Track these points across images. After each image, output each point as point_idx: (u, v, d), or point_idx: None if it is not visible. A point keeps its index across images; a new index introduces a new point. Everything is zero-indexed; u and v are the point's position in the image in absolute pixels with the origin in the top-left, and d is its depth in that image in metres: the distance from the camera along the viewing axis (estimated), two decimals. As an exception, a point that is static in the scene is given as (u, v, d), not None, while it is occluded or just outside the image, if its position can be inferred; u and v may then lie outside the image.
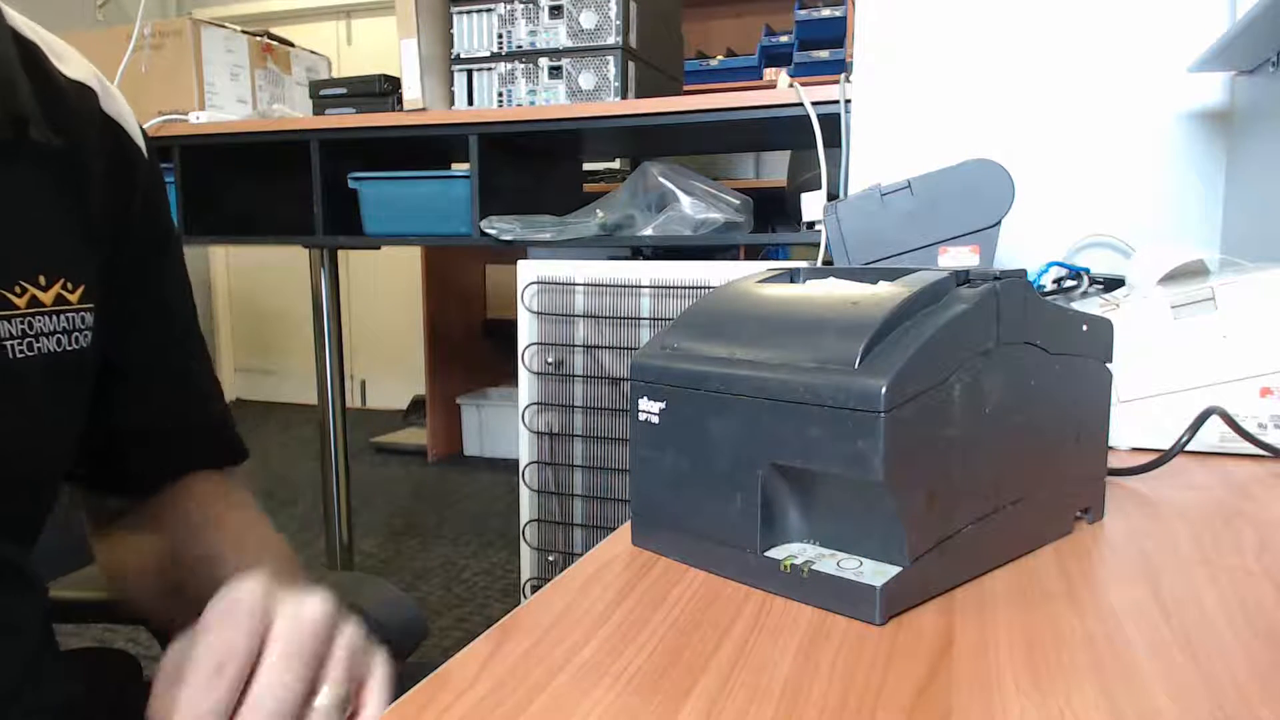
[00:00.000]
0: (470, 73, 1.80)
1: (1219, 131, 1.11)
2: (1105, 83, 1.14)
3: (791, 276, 0.50)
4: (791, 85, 1.48)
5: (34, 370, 0.45)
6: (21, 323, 0.44)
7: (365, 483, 3.29)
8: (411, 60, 1.79)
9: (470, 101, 1.80)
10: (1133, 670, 0.32)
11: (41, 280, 0.45)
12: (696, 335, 0.46)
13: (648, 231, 1.65)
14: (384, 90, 1.93)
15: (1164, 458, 0.60)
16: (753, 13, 3.32)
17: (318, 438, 2.07)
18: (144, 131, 0.54)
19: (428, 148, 1.96)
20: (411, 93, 1.80)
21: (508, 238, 1.68)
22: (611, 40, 1.68)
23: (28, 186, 0.45)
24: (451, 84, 1.82)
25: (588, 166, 2.53)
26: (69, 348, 0.47)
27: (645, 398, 0.46)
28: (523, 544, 1.65)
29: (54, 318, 0.46)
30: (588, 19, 1.70)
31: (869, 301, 0.41)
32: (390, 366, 4.84)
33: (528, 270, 1.66)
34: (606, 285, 1.62)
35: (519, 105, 1.76)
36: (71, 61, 0.49)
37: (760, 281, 0.50)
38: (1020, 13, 1.17)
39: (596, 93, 1.70)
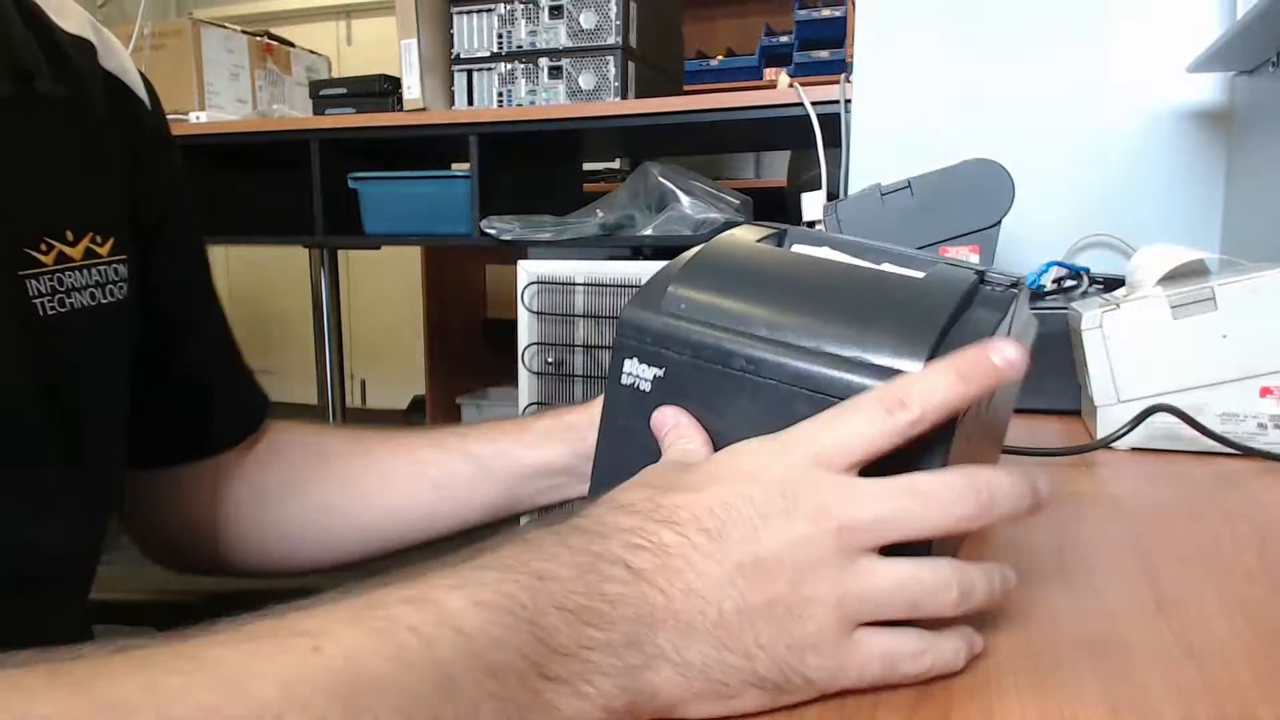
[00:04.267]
0: (470, 73, 1.80)
1: (1219, 131, 1.11)
2: (1105, 83, 1.14)
3: (779, 239, 0.45)
4: (791, 85, 1.48)
5: (69, 327, 0.44)
6: (51, 279, 0.43)
7: (365, 483, 3.28)
8: (411, 60, 1.79)
9: (470, 101, 1.80)
10: (1133, 670, 0.32)
11: (69, 235, 0.44)
12: (711, 293, 0.38)
13: (648, 231, 1.65)
14: (384, 90, 1.93)
15: (1092, 446, 0.65)
16: (753, 13, 3.32)
17: (318, 438, 2.07)
18: (147, 82, 0.52)
19: (428, 148, 1.96)
20: (411, 93, 1.80)
21: (508, 238, 1.68)
22: (611, 40, 1.68)
23: (41, 140, 0.43)
24: (451, 84, 1.82)
25: (588, 166, 2.53)
26: (104, 300, 0.45)
27: (636, 359, 0.39)
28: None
29: (85, 272, 0.44)
30: (588, 19, 1.70)
31: (917, 290, 0.38)
32: (390, 366, 4.83)
33: (527, 270, 1.66)
34: (606, 285, 1.62)
35: (519, 105, 1.76)
36: (68, 15, 0.47)
37: (759, 240, 0.44)
38: (1020, 13, 1.17)
39: (596, 93, 1.70)
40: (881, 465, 0.32)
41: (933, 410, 0.31)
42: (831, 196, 1.35)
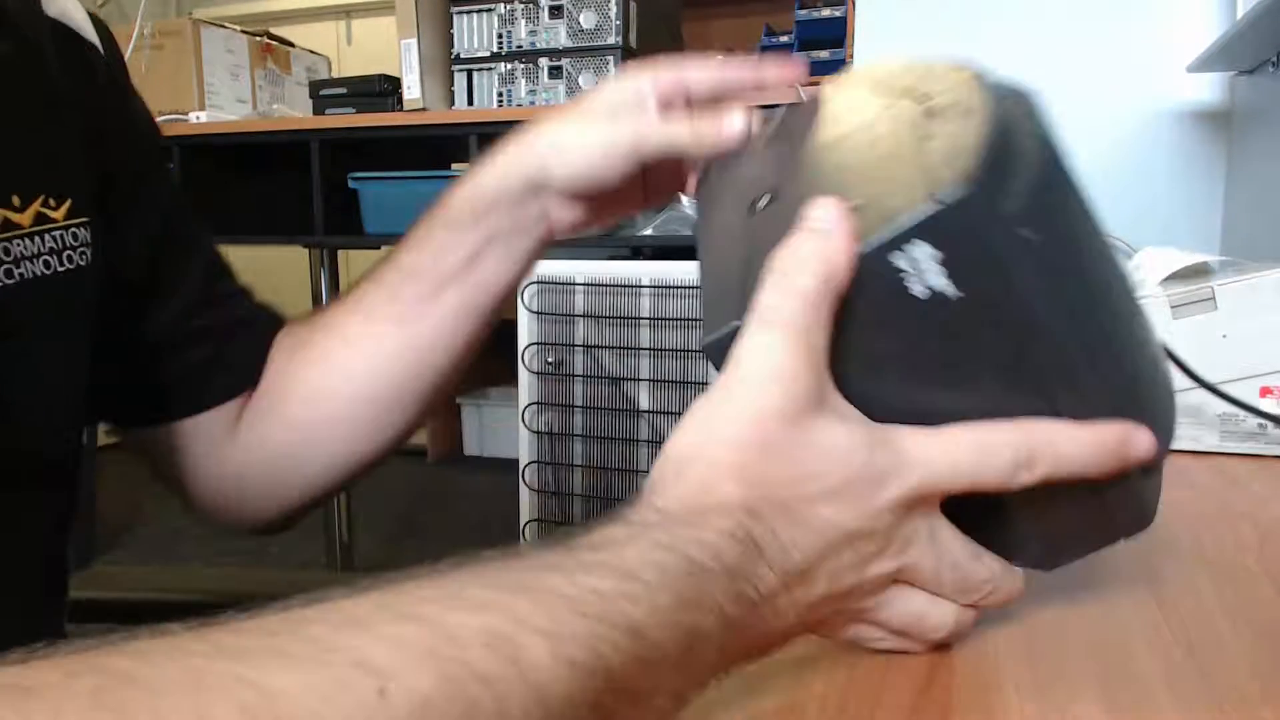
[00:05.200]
0: (470, 73, 1.80)
1: (1219, 131, 1.11)
2: (1105, 83, 1.14)
3: None
4: (792, 85, 1.48)
5: (20, 298, 0.41)
6: None
7: (365, 483, 3.28)
8: (411, 60, 1.79)
9: (470, 101, 1.80)
10: (1133, 670, 0.32)
11: (15, 200, 0.40)
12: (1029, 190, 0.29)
13: (648, 231, 1.65)
14: (384, 90, 1.93)
15: None
16: (753, 13, 3.31)
17: (318, 438, 2.07)
18: (98, 23, 0.49)
19: (428, 148, 1.96)
20: (411, 93, 1.81)
21: (508, 238, 1.68)
22: (611, 40, 1.68)
23: None
24: (451, 84, 1.82)
25: (588, 166, 2.52)
26: (59, 269, 0.42)
27: (941, 263, 0.28)
28: (523, 544, 1.65)
29: (36, 239, 0.41)
30: (588, 19, 1.70)
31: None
32: (390, 366, 4.83)
33: (528, 270, 1.66)
34: (606, 285, 1.62)
35: (519, 105, 1.76)
36: None
37: None
38: (1020, 13, 1.17)
39: (596, 93, 1.70)
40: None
41: (1055, 476, 0.31)
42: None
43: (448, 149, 2.01)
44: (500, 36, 1.76)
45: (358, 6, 4.53)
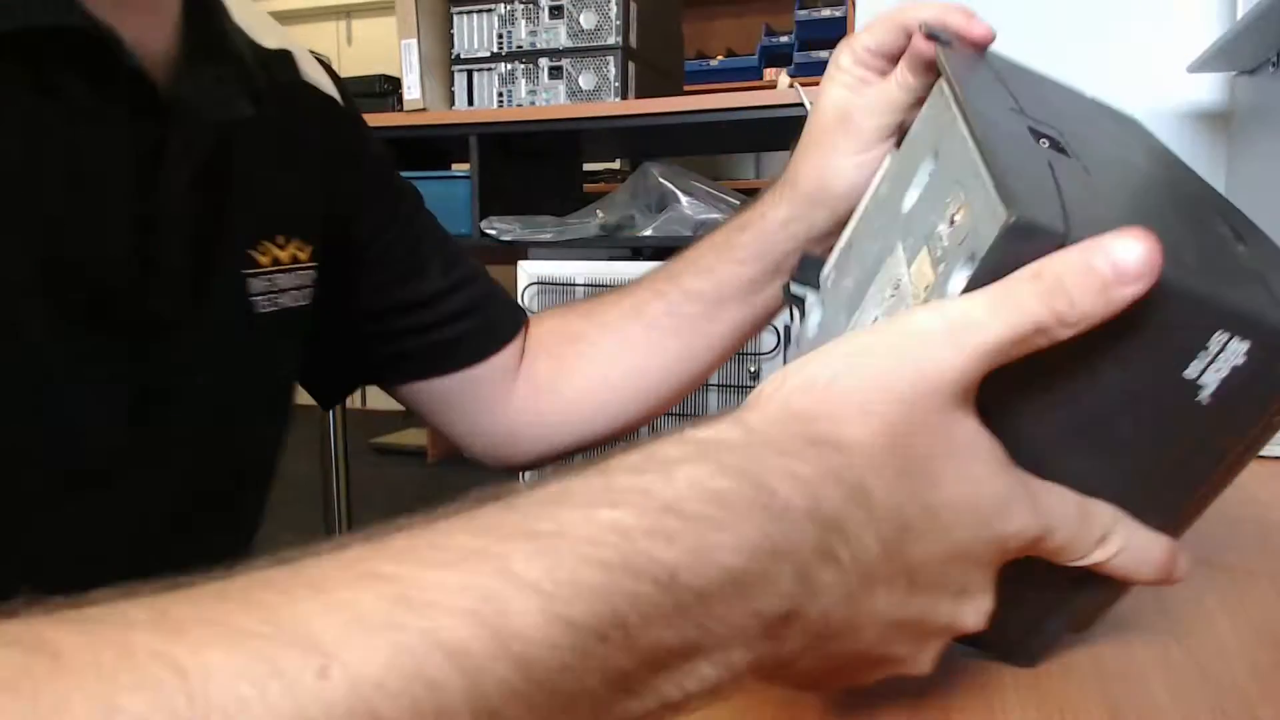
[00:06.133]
0: (470, 73, 1.80)
1: (1219, 131, 1.11)
2: (1105, 83, 1.14)
3: None
4: (792, 85, 1.48)
5: (276, 326, 0.49)
6: (267, 280, 0.48)
7: (365, 483, 3.29)
8: (411, 60, 1.79)
9: (470, 102, 1.80)
10: (1132, 670, 0.32)
11: (280, 240, 0.49)
12: None
13: (648, 232, 1.65)
14: (384, 90, 1.93)
15: None
16: (753, 13, 3.32)
17: (318, 438, 2.07)
18: (334, 77, 0.56)
19: (428, 148, 1.96)
20: (411, 93, 1.80)
21: (508, 238, 1.68)
22: (611, 40, 1.68)
23: (260, 156, 0.48)
24: (451, 84, 1.82)
25: (588, 166, 2.53)
26: (301, 303, 0.51)
27: (1235, 368, 0.26)
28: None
29: (291, 275, 0.50)
30: (588, 19, 1.70)
31: None
32: (390, 367, 4.83)
33: (528, 271, 1.66)
34: (607, 286, 1.62)
35: (519, 105, 1.76)
36: (268, 32, 0.51)
37: None
38: (1020, 13, 1.17)
39: (596, 93, 1.70)
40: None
41: (1110, 566, 0.29)
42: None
43: (448, 149, 2.01)
44: (500, 37, 1.76)
45: (358, 6, 4.53)
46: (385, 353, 0.59)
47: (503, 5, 1.75)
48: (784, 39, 3.01)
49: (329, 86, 0.55)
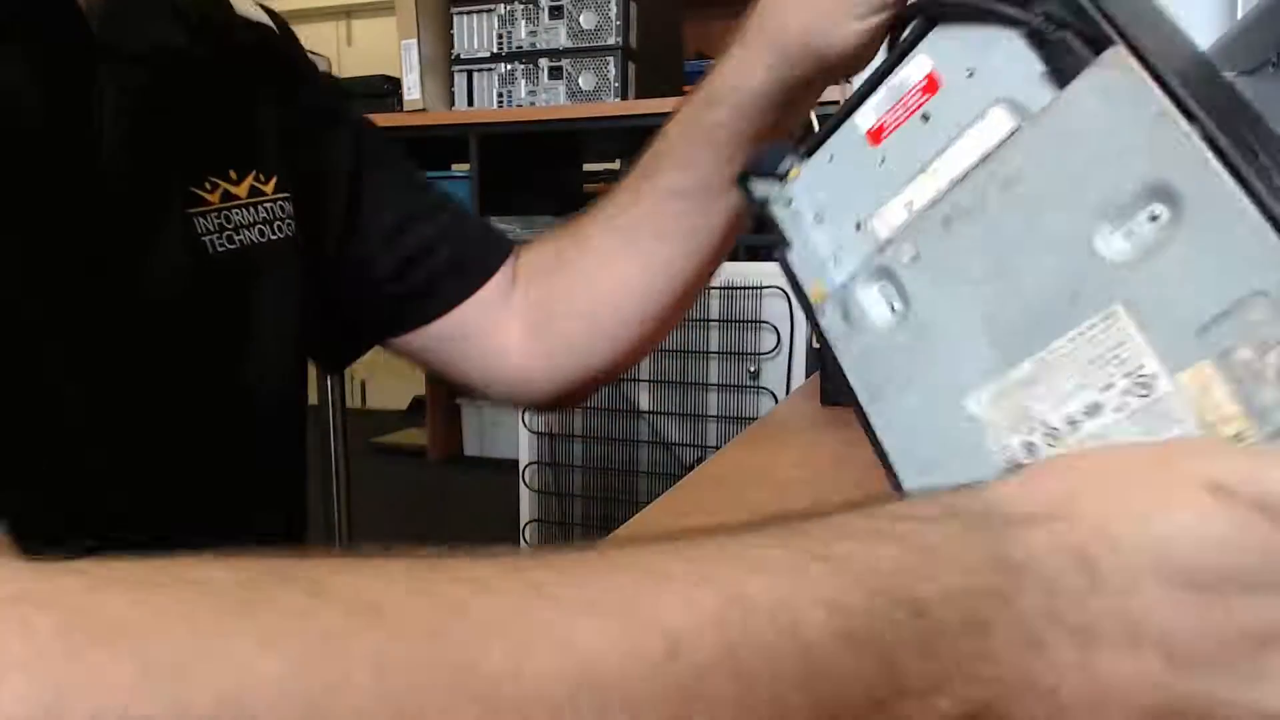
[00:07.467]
0: (470, 73, 1.80)
1: (1219, 132, 1.11)
2: (1105, 83, 1.14)
3: None
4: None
5: (237, 263, 0.46)
6: (218, 217, 0.45)
7: (365, 483, 3.28)
8: (411, 60, 1.79)
9: (470, 102, 1.80)
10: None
11: (232, 174, 0.46)
12: None
13: (648, 232, 1.65)
14: (384, 90, 1.94)
15: None
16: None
17: (318, 438, 2.07)
18: (272, 13, 0.55)
19: (428, 148, 1.97)
20: (411, 93, 1.81)
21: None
22: (611, 40, 1.69)
23: (199, 92, 0.46)
24: (451, 84, 1.82)
25: (588, 166, 2.53)
26: (273, 237, 0.48)
27: None
28: (523, 544, 1.65)
29: (251, 209, 0.47)
30: (588, 19, 1.70)
31: None
32: (390, 366, 4.82)
33: (528, 270, 1.66)
34: (606, 285, 1.62)
35: (519, 106, 1.76)
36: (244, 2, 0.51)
37: None
38: (1020, 13, 1.17)
39: (596, 93, 1.70)
40: None
41: None
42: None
43: (448, 149, 2.01)
44: (500, 37, 1.76)
45: (358, 6, 4.53)
46: (372, 302, 0.56)
47: (503, 5, 1.75)
48: (784, 39, 3.01)
49: (261, 15, 0.53)
